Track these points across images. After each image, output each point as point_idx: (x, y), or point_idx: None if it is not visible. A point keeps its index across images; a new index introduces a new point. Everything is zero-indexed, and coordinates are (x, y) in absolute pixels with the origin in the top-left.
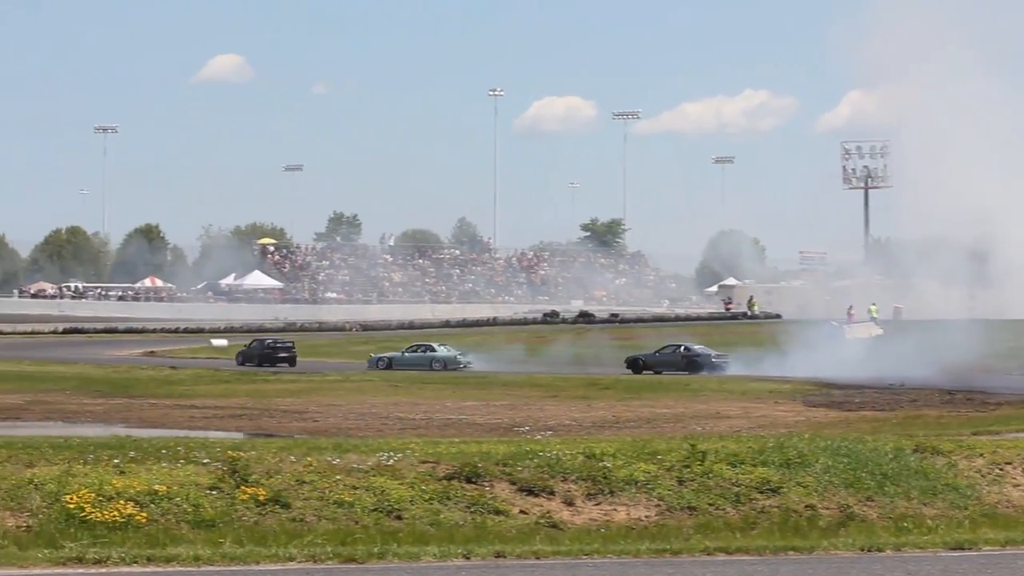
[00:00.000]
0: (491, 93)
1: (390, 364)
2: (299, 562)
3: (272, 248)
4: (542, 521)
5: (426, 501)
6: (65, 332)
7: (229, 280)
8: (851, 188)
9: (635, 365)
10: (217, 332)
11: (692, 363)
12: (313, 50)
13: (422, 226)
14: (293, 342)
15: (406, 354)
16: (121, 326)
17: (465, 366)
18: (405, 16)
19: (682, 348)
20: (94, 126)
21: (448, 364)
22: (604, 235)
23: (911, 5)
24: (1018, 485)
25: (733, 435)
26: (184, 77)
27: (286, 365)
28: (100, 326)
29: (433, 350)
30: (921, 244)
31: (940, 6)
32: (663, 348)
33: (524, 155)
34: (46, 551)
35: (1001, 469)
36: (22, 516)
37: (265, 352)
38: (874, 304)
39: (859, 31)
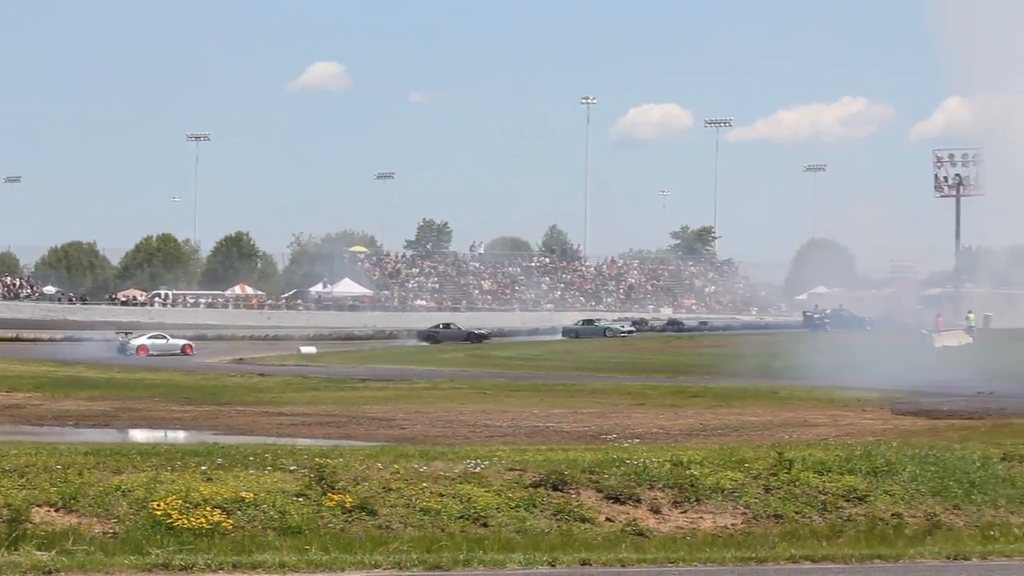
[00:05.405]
0: (584, 101)
1: None
2: (384, 569)
3: (362, 256)
4: (628, 529)
5: (512, 508)
6: None
7: (319, 288)
8: (943, 196)
9: None
10: (306, 340)
11: None
12: (411, 58)
13: (512, 234)
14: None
15: None
16: (210, 333)
17: None
18: (500, 25)
19: None
20: (187, 134)
21: None
22: (694, 243)
23: (1012, 13)
24: None
25: (820, 443)
26: (281, 85)
27: None
28: (189, 333)
29: None
30: (1014, 253)
31: None
32: None
33: (617, 163)
34: (132, 557)
35: None
36: (109, 522)
37: None
38: (971, 312)
39: (959, 38)
